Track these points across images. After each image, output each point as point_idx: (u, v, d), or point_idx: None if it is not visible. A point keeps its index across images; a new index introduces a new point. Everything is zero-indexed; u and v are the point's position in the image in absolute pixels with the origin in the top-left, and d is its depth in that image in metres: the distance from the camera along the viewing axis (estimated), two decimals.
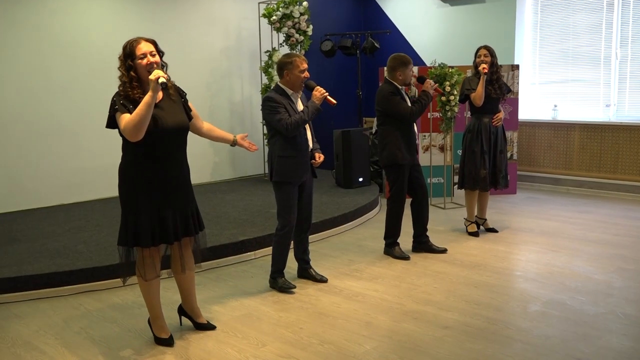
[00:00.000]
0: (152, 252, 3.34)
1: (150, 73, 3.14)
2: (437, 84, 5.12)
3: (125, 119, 3.13)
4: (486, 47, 5.46)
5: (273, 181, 4.25)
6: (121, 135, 3.25)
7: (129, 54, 3.19)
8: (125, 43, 3.22)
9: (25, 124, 6.53)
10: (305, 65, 4.19)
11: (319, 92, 4.16)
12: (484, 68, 5.36)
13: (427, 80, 5.00)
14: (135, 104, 3.14)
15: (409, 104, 4.92)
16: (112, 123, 3.24)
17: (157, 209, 3.30)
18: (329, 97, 4.18)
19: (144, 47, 3.19)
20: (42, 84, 6.63)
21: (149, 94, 3.10)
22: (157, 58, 3.22)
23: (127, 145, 3.28)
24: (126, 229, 3.30)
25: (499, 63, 5.55)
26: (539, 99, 8.19)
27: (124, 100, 3.17)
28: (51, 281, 4.35)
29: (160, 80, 3.11)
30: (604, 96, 7.61)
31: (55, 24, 6.69)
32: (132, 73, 3.18)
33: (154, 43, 3.26)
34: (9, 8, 6.35)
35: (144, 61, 3.17)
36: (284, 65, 4.19)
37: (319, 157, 4.33)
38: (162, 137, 3.22)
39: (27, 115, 6.53)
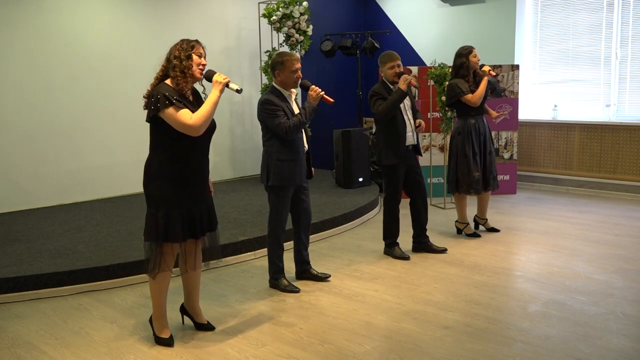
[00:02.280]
0: (174, 248, 3.41)
1: (202, 74, 3.34)
2: (412, 77, 4.89)
3: (186, 114, 3.20)
4: (473, 47, 5.48)
5: (269, 185, 4.20)
6: (158, 129, 3.27)
7: (190, 47, 3.31)
8: (184, 39, 3.34)
9: (24, 125, 6.53)
10: (298, 65, 4.12)
11: (315, 91, 4.06)
12: (490, 71, 5.36)
13: (403, 75, 4.74)
14: (183, 98, 3.25)
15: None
16: (154, 116, 3.25)
17: (188, 205, 3.37)
18: (325, 95, 4.09)
19: (202, 50, 3.37)
20: (41, 84, 6.62)
21: (216, 94, 3.29)
22: (206, 62, 3.40)
23: (160, 142, 3.33)
24: (156, 225, 3.32)
25: (499, 63, 5.54)
26: (539, 99, 8.18)
27: (176, 95, 3.23)
28: (51, 281, 4.35)
29: (235, 87, 3.37)
30: (604, 96, 7.61)
31: (53, 24, 6.68)
32: (188, 62, 3.27)
33: (204, 49, 3.43)
34: (4, 7, 6.34)
35: (202, 59, 3.34)
36: (275, 65, 4.15)
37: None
38: (200, 136, 3.29)
39: (25, 116, 6.53)
